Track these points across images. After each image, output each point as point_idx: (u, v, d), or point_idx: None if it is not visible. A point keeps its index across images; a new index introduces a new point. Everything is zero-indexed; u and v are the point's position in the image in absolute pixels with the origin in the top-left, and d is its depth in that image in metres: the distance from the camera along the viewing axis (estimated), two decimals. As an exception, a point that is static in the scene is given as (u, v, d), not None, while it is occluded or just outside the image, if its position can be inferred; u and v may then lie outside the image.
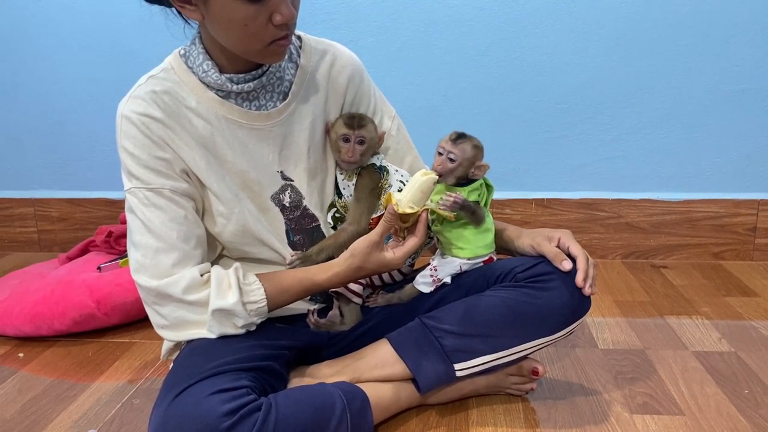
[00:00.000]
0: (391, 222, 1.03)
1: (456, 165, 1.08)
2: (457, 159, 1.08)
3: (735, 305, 1.64)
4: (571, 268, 1.08)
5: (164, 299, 1.02)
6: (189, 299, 1.01)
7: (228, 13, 0.94)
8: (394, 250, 1.06)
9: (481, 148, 1.10)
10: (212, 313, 1.01)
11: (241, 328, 1.04)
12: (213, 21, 0.97)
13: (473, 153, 1.09)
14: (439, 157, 1.09)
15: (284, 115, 1.12)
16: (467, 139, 1.09)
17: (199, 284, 1.02)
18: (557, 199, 2.02)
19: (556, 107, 1.97)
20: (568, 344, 1.43)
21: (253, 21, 0.94)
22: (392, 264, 1.06)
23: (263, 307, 1.04)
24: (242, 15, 0.94)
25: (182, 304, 1.02)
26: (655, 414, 1.14)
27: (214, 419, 0.87)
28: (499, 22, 1.93)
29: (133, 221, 1.05)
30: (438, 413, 1.16)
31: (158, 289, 1.01)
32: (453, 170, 1.08)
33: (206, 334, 1.03)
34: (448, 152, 1.08)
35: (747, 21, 1.85)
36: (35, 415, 1.20)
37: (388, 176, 1.15)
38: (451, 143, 1.08)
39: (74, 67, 2.11)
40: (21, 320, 1.51)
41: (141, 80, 1.07)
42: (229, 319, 1.02)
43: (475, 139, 1.10)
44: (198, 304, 1.02)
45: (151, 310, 1.05)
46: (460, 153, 1.08)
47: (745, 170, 1.96)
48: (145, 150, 1.03)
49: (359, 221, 1.13)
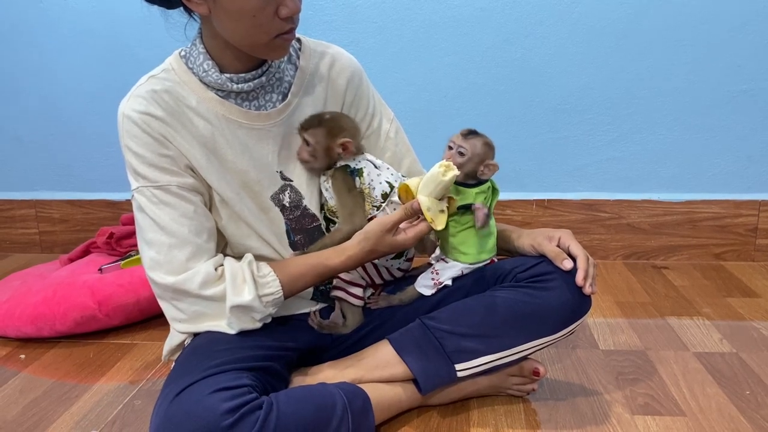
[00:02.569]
0: (411, 216, 1.05)
1: (465, 160, 1.08)
2: (466, 153, 1.08)
3: (736, 306, 1.63)
4: (572, 267, 1.08)
5: (181, 295, 1.03)
6: (206, 294, 1.02)
7: (237, 5, 0.96)
8: (406, 231, 1.07)
9: (492, 146, 1.11)
10: (230, 310, 1.02)
11: (259, 322, 1.05)
12: (221, 13, 0.98)
13: (483, 150, 1.09)
14: (449, 151, 1.10)
15: (284, 115, 1.12)
16: (478, 135, 1.10)
17: (214, 279, 1.03)
18: (558, 200, 2.02)
19: (557, 108, 1.97)
20: (569, 345, 1.43)
21: (261, 12, 0.96)
22: (404, 245, 1.07)
23: (279, 298, 1.05)
24: (251, 6, 0.95)
25: (199, 299, 1.03)
26: (657, 415, 1.14)
27: (215, 417, 0.87)
28: (500, 23, 1.93)
29: (143, 220, 1.05)
30: (439, 414, 1.16)
31: (175, 285, 1.02)
32: (462, 165, 1.09)
33: (224, 326, 1.04)
34: (458, 146, 1.09)
35: (748, 21, 1.85)
36: (37, 417, 1.20)
37: (362, 178, 1.13)
38: (461, 138, 1.09)
39: (75, 68, 2.11)
40: (22, 321, 1.52)
41: (141, 80, 1.08)
42: (247, 314, 1.03)
43: (486, 137, 1.10)
44: (215, 298, 1.03)
45: (169, 305, 1.06)
46: (470, 148, 1.08)
47: (746, 171, 1.96)
48: (148, 148, 1.04)
49: (351, 220, 1.12)
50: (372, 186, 1.13)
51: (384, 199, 1.12)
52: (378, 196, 1.13)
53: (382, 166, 1.17)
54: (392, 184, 1.13)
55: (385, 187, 1.13)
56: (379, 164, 1.17)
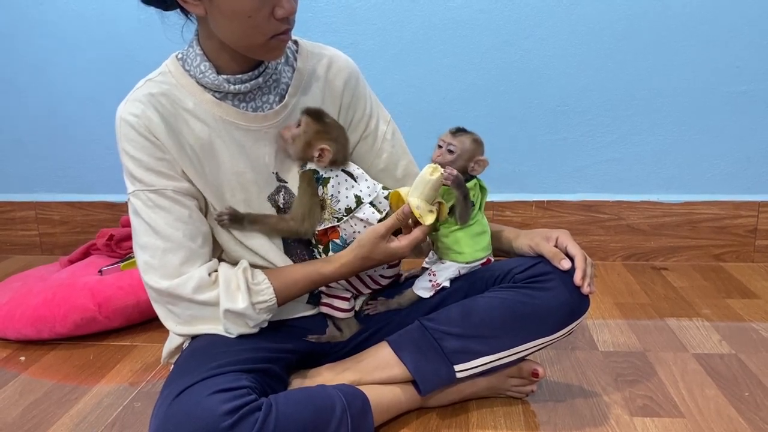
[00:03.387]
0: (403, 221, 1.05)
1: (455, 157, 1.10)
2: (456, 151, 1.09)
3: (735, 307, 1.63)
4: (570, 267, 1.08)
5: (175, 299, 1.04)
6: (199, 299, 1.03)
7: (233, 6, 0.96)
8: (399, 238, 1.07)
9: (481, 143, 1.12)
10: (224, 314, 1.03)
11: (253, 328, 1.06)
12: (217, 14, 0.98)
13: (472, 146, 1.10)
14: (438, 149, 1.11)
15: (281, 116, 1.13)
16: (467, 132, 1.11)
17: (208, 284, 1.03)
18: (557, 201, 2.02)
19: (556, 109, 1.97)
20: (568, 346, 1.43)
21: (257, 13, 0.96)
22: (398, 252, 1.07)
23: (273, 305, 1.05)
24: (247, 7, 0.95)
25: (193, 304, 1.04)
26: (655, 416, 1.14)
27: (215, 418, 0.87)
28: (499, 24, 1.93)
29: (138, 224, 1.05)
30: (438, 415, 1.16)
31: (168, 290, 1.02)
32: (452, 162, 1.10)
33: (220, 330, 1.05)
34: (447, 144, 1.10)
35: (747, 22, 1.85)
36: (37, 419, 1.20)
37: (326, 189, 1.10)
38: (450, 135, 1.11)
39: (75, 70, 2.11)
40: (22, 323, 1.52)
41: (139, 84, 1.08)
42: (241, 319, 1.04)
43: (475, 134, 1.12)
44: (208, 303, 1.03)
45: (164, 308, 1.06)
46: (459, 145, 1.09)
47: (745, 172, 1.96)
48: (145, 152, 1.04)
49: (301, 222, 1.10)
50: (336, 198, 1.10)
51: (347, 213, 1.10)
52: (341, 209, 1.11)
53: (361, 177, 1.13)
54: (361, 198, 1.11)
55: (350, 201, 1.10)
56: (358, 175, 1.13)
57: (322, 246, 1.14)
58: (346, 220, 1.11)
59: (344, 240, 1.12)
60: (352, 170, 1.14)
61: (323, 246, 1.14)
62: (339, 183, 1.11)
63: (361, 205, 1.11)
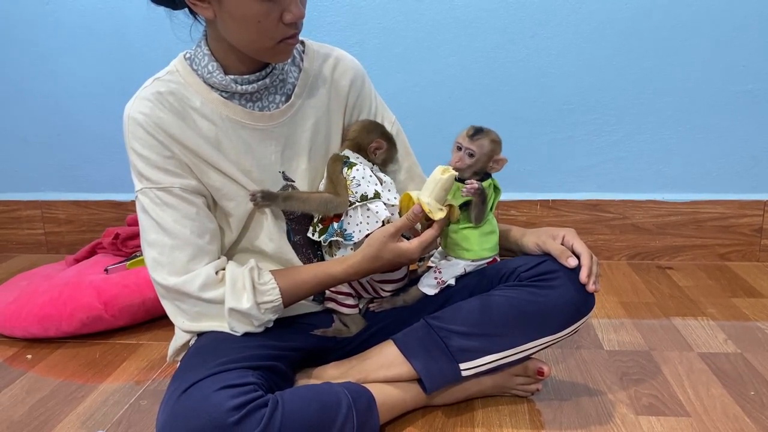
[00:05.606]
0: (414, 221, 1.05)
1: (474, 161, 1.09)
2: (475, 155, 1.09)
3: (741, 306, 1.63)
4: (576, 265, 1.08)
5: (183, 296, 1.04)
6: (205, 297, 1.03)
7: (242, 10, 0.96)
8: (409, 240, 1.07)
9: (499, 142, 1.11)
10: (229, 313, 1.03)
11: (258, 327, 1.06)
12: (226, 18, 0.99)
13: (491, 147, 1.10)
14: (457, 153, 1.10)
15: (287, 116, 1.13)
16: (485, 133, 1.10)
17: (214, 282, 1.04)
18: (562, 200, 2.02)
19: (561, 108, 1.97)
20: (574, 345, 1.43)
21: (266, 18, 0.97)
22: (408, 254, 1.06)
23: (278, 306, 1.05)
24: (256, 12, 0.96)
25: (199, 301, 1.04)
26: (661, 415, 1.14)
27: (221, 414, 0.88)
28: (505, 23, 1.93)
29: (146, 221, 1.06)
30: (444, 414, 1.16)
31: (176, 287, 1.03)
32: (471, 166, 1.09)
33: (226, 327, 1.06)
34: (466, 148, 1.09)
35: (753, 21, 1.84)
36: (43, 416, 1.21)
37: (349, 171, 1.11)
38: (468, 139, 1.10)
39: (81, 69, 2.12)
40: (29, 322, 1.52)
41: (146, 83, 1.09)
42: (246, 318, 1.04)
43: (493, 133, 1.11)
44: (214, 301, 1.04)
45: (173, 305, 1.07)
46: (478, 149, 1.09)
47: (751, 171, 1.95)
48: (153, 150, 1.05)
49: (336, 192, 1.11)
50: (357, 182, 1.11)
51: (362, 200, 1.10)
52: (357, 194, 1.10)
53: (387, 184, 1.14)
54: (380, 194, 1.11)
55: (369, 191, 1.10)
56: (386, 181, 1.15)
57: (322, 226, 1.14)
58: (356, 207, 1.10)
59: (341, 226, 1.11)
60: (382, 176, 1.16)
61: (323, 227, 1.13)
62: (364, 176, 1.11)
63: (377, 199, 1.10)
